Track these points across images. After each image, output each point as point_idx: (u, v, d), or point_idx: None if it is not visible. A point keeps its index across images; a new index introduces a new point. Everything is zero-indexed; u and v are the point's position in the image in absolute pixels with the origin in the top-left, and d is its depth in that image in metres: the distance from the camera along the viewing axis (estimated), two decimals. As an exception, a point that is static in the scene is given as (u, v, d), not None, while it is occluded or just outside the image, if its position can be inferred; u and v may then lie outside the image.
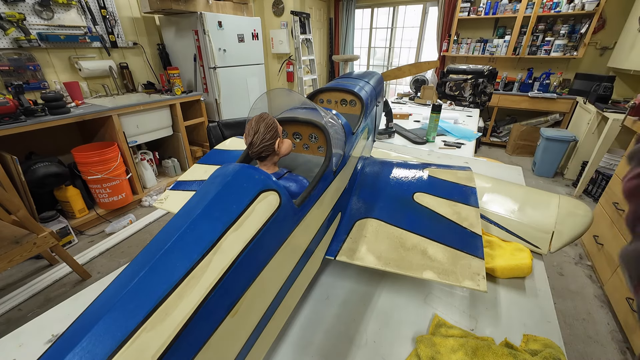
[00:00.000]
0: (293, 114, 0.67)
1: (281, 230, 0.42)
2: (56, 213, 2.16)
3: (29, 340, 0.54)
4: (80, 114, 2.09)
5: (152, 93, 2.87)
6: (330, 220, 0.61)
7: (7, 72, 2.12)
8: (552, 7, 3.26)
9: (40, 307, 1.66)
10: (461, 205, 0.64)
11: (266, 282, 0.39)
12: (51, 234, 1.61)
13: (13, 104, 1.82)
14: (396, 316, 0.58)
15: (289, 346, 0.53)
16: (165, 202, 0.83)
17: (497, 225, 0.77)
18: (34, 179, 1.97)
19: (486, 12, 3.61)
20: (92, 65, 2.52)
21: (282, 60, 4.31)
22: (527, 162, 3.53)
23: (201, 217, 0.34)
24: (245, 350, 0.36)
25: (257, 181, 0.40)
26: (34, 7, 2.17)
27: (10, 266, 1.47)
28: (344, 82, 0.99)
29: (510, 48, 3.57)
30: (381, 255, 0.58)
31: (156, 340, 0.25)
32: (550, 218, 0.74)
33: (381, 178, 0.76)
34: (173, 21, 2.95)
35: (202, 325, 0.29)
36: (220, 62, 2.96)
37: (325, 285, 0.65)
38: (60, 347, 0.24)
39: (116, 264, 1.99)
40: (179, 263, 0.30)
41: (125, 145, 2.40)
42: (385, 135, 1.55)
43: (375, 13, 4.70)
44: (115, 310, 0.26)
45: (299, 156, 0.71)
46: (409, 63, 1.47)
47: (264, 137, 0.51)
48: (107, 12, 2.57)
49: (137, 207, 2.64)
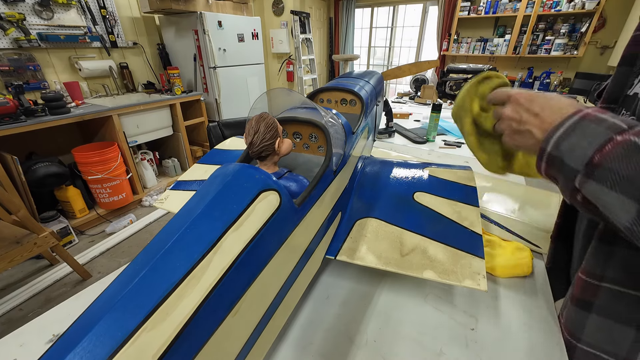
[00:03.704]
0: (293, 114, 0.67)
1: (281, 230, 0.42)
2: (56, 213, 2.16)
3: (29, 340, 0.54)
4: (80, 114, 2.09)
5: (152, 93, 2.87)
6: (331, 219, 0.61)
7: (7, 72, 2.12)
8: (553, 6, 3.25)
9: (41, 307, 1.67)
10: (461, 204, 0.64)
11: (266, 281, 0.39)
12: (52, 234, 1.61)
13: (13, 104, 1.82)
14: (397, 316, 0.58)
15: (290, 346, 0.53)
16: (166, 202, 0.83)
17: (497, 225, 0.77)
18: (34, 179, 1.97)
19: (486, 11, 3.61)
20: (92, 65, 2.52)
21: (282, 59, 4.31)
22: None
23: (201, 217, 0.34)
24: (246, 350, 0.36)
25: (257, 181, 0.40)
26: (34, 7, 2.17)
27: (11, 266, 1.47)
28: (344, 81, 0.99)
29: (510, 47, 3.57)
30: (381, 254, 0.58)
31: (157, 340, 0.25)
32: (550, 217, 0.73)
33: (381, 177, 0.76)
34: (173, 21, 2.95)
35: (202, 325, 0.29)
36: (220, 62, 2.96)
37: (326, 285, 0.65)
38: (61, 347, 0.24)
39: (116, 263, 1.99)
40: (180, 263, 0.30)
41: (126, 145, 2.40)
42: (386, 135, 1.55)
43: (375, 12, 4.70)
44: (115, 310, 0.26)
45: (299, 156, 0.71)
46: (409, 62, 1.47)
47: (264, 136, 0.51)
48: (107, 12, 2.57)
49: (137, 207, 2.64)
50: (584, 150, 0.29)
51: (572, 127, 0.31)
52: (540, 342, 0.52)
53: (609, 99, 0.44)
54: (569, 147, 0.31)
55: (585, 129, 0.30)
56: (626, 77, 0.42)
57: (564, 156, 0.31)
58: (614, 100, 0.43)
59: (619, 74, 0.43)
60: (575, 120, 0.32)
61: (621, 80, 0.42)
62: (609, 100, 0.44)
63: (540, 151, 0.35)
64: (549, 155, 0.33)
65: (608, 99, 0.44)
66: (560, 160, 0.32)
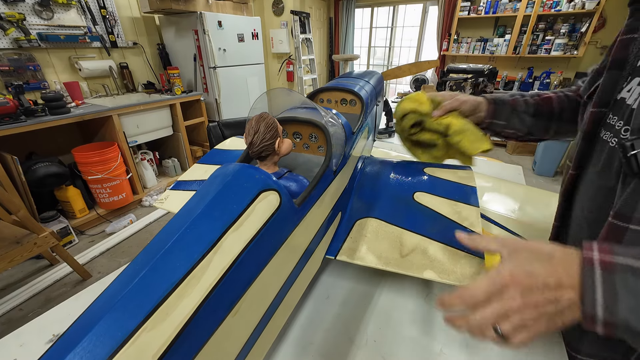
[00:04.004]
0: (293, 114, 0.67)
1: (281, 230, 0.42)
2: (57, 213, 2.16)
3: (30, 340, 0.54)
4: (80, 114, 2.09)
5: (152, 93, 2.87)
6: (331, 219, 0.61)
7: (7, 72, 2.12)
8: (553, 6, 3.25)
9: (41, 307, 1.67)
10: (461, 204, 0.64)
11: (267, 281, 0.39)
12: (52, 234, 1.61)
13: (13, 104, 1.82)
14: (396, 315, 0.58)
15: (290, 346, 0.53)
16: (166, 202, 0.83)
17: (497, 225, 0.77)
18: (34, 179, 1.97)
19: (486, 11, 3.61)
20: (92, 65, 2.52)
21: (282, 59, 4.31)
22: (527, 161, 3.52)
23: (201, 217, 0.34)
24: (246, 350, 0.36)
25: (258, 181, 0.40)
26: (34, 7, 2.17)
27: (11, 266, 1.47)
28: (344, 81, 0.99)
29: (510, 47, 3.57)
30: (381, 254, 0.58)
31: (157, 340, 0.25)
32: (550, 217, 0.73)
33: (381, 177, 0.76)
34: (173, 21, 2.95)
35: (202, 325, 0.29)
36: (220, 62, 2.96)
37: (326, 285, 0.65)
38: (61, 347, 0.24)
39: (116, 263, 1.99)
40: (180, 263, 0.30)
41: (126, 145, 2.40)
42: (386, 135, 1.55)
43: (375, 12, 4.70)
44: (116, 310, 0.26)
45: (299, 156, 0.71)
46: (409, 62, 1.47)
47: (264, 136, 0.51)
48: (107, 12, 2.57)
49: (137, 207, 2.65)
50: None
51: (609, 286, 0.29)
52: (540, 342, 0.52)
53: (600, 103, 0.44)
54: (629, 311, 0.27)
55: (628, 284, 0.28)
56: (615, 81, 0.42)
57: (630, 321, 0.28)
58: (605, 104, 0.43)
59: (609, 78, 0.43)
60: (602, 276, 0.29)
61: (611, 84, 0.42)
62: (600, 104, 0.44)
63: (587, 317, 0.30)
64: (606, 322, 0.29)
65: (599, 103, 0.44)
66: (625, 326, 0.28)
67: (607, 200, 0.41)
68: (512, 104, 0.66)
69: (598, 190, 0.44)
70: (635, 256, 0.29)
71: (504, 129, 0.67)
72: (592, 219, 0.45)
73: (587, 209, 0.46)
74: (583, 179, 0.48)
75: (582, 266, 0.30)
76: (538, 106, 0.65)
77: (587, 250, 0.31)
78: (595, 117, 0.44)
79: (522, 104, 0.65)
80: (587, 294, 0.29)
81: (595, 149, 0.45)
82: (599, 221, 0.42)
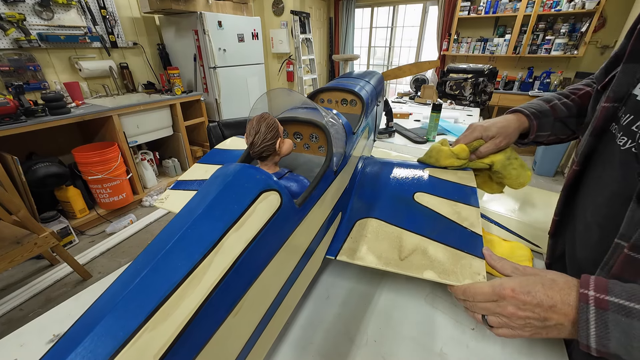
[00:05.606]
0: (294, 114, 0.67)
1: (282, 230, 0.42)
2: (57, 213, 2.16)
3: (30, 340, 0.54)
4: (80, 114, 2.09)
5: (152, 93, 2.87)
6: (331, 220, 0.61)
7: (8, 72, 2.12)
8: (553, 6, 3.25)
9: (42, 307, 1.67)
10: (462, 205, 0.64)
11: (267, 281, 0.39)
12: (52, 234, 1.61)
13: (13, 104, 1.82)
14: (397, 315, 0.58)
15: (290, 346, 0.53)
16: (166, 201, 0.83)
17: (497, 225, 0.77)
18: (34, 179, 1.97)
19: (486, 11, 3.61)
20: (92, 66, 2.52)
21: (282, 59, 4.31)
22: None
23: (202, 217, 0.34)
24: (247, 350, 0.37)
25: (258, 181, 0.40)
26: (34, 8, 2.17)
27: (11, 266, 1.47)
28: (345, 81, 0.99)
29: (510, 47, 3.57)
30: (382, 255, 0.58)
31: (158, 340, 0.25)
32: (550, 217, 0.73)
33: (382, 178, 0.76)
34: (173, 21, 2.95)
35: (203, 325, 0.29)
36: (220, 62, 2.96)
37: (326, 285, 0.65)
38: (62, 347, 0.24)
39: (117, 264, 2.00)
40: (181, 263, 0.30)
41: (126, 145, 2.40)
42: (386, 135, 1.55)
43: (375, 12, 4.70)
44: (117, 310, 0.26)
45: (300, 156, 0.71)
46: (409, 62, 1.47)
47: (265, 137, 0.51)
48: (107, 12, 2.57)
49: (137, 207, 2.65)
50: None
51: (602, 323, 0.32)
52: (540, 342, 0.52)
53: (614, 98, 0.42)
54: (619, 346, 0.31)
55: (619, 322, 0.31)
56: (633, 74, 0.40)
57: (620, 354, 0.31)
58: (619, 99, 0.41)
59: (625, 71, 0.41)
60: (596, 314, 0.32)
61: (628, 77, 0.40)
62: (614, 99, 0.42)
63: (583, 344, 0.33)
64: (599, 351, 0.32)
65: (614, 98, 0.42)
66: (616, 356, 0.32)
67: (614, 207, 0.40)
68: (553, 113, 0.63)
69: (604, 189, 0.43)
70: (629, 295, 0.31)
71: (548, 137, 0.66)
72: (597, 224, 0.44)
73: (591, 212, 0.45)
74: (587, 175, 0.47)
75: (578, 301, 0.34)
76: (579, 105, 0.63)
77: (584, 287, 0.34)
78: (607, 113, 0.43)
79: (563, 109, 0.63)
80: (581, 328, 0.33)
81: (602, 141, 0.44)
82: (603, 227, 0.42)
